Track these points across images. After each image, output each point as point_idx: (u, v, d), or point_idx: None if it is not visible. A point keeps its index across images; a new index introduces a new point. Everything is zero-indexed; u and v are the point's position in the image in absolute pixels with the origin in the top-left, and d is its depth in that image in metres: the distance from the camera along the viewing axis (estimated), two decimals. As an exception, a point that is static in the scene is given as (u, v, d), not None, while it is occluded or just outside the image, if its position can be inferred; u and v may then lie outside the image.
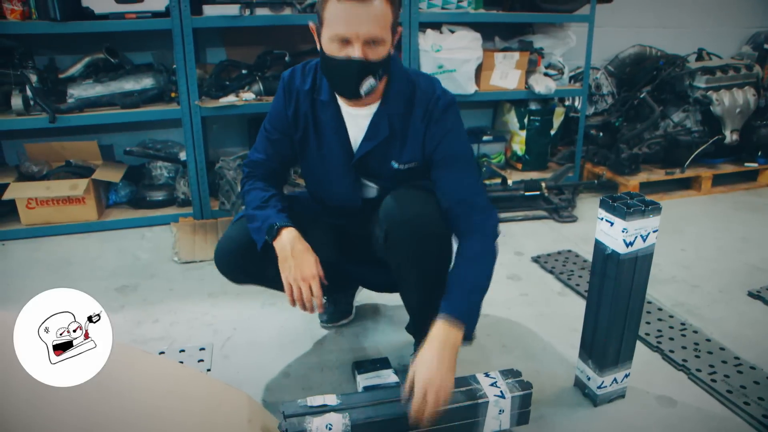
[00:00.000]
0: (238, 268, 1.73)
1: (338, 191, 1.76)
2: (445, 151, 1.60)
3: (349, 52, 1.44)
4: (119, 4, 2.73)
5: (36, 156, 3.09)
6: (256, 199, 1.67)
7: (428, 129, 1.60)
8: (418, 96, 1.61)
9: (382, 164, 1.67)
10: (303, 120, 1.67)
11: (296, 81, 1.66)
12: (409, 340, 1.95)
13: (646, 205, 1.56)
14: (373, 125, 1.63)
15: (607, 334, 1.69)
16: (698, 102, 3.54)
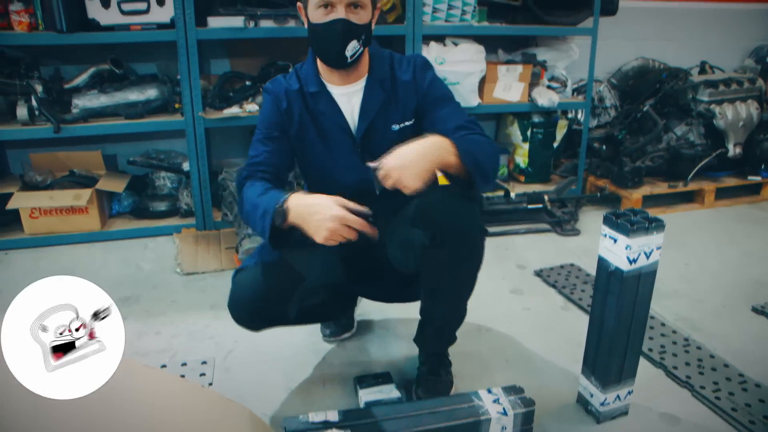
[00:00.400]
0: (257, 314, 1.68)
1: (347, 178, 1.74)
2: (434, 94, 1.71)
3: (333, 14, 1.56)
4: (125, 15, 2.74)
5: (40, 166, 3.10)
6: (254, 192, 1.60)
7: (416, 80, 1.71)
8: (396, 60, 1.74)
9: (384, 132, 1.71)
10: (297, 115, 1.71)
11: (281, 84, 1.73)
12: (411, 354, 1.95)
13: (650, 222, 1.55)
14: (367, 94, 1.70)
15: (610, 350, 1.68)
16: (701, 115, 3.54)
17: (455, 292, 1.67)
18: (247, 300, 1.65)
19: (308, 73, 1.72)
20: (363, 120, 1.70)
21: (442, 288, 1.66)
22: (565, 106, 3.55)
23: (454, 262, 1.59)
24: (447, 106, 1.71)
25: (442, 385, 1.81)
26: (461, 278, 1.64)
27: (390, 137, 1.69)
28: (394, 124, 1.72)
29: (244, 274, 1.68)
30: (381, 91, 1.70)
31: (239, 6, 2.89)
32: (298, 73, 1.74)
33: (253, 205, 1.56)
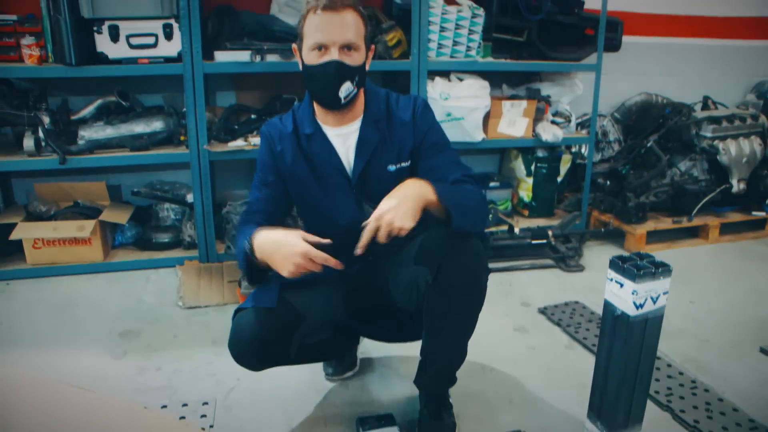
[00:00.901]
0: (258, 355, 1.66)
1: (343, 218, 1.74)
2: (432, 139, 1.74)
3: (327, 57, 1.59)
4: (133, 49, 2.77)
5: (45, 196, 3.11)
6: (244, 232, 1.65)
7: (416, 121, 1.73)
8: (393, 101, 1.76)
9: (380, 173, 1.73)
10: (290, 157, 1.74)
11: (275, 127, 1.77)
12: (414, 395, 1.92)
13: (657, 267, 1.54)
14: (362, 135, 1.72)
15: (617, 395, 1.66)
16: (705, 151, 3.55)
17: (457, 331, 1.66)
18: (247, 341, 1.64)
19: (304, 115, 1.75)
20: (358, 161, 1.72)
21: (444, 327, 1.65)
22: (570, 141, 3.55)
23: (457, 300, 1.59)
24: (443, 153, 1.74)
25: (443, 429, 1.78)
26: (464, 317, 1.64)
27: (386, 177, 1.71)
28: (390, 165, 1.73)
29: (244, 315, 1.66)
30: (376, 131, 1.72)
31: (246, 40, 2.92)
32: (295, 114, 1.78)
33: (236, 248, 1.66)
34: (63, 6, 2.59)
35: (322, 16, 1.57)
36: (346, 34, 1.59)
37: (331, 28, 1.58)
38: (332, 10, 1.57)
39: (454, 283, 1.56)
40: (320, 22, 1.58)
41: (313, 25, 1.59)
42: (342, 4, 1.58)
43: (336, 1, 1.57)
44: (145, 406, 1.88)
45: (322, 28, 1.58)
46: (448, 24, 3.06)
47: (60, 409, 1.17)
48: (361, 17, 1.63)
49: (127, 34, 2.74)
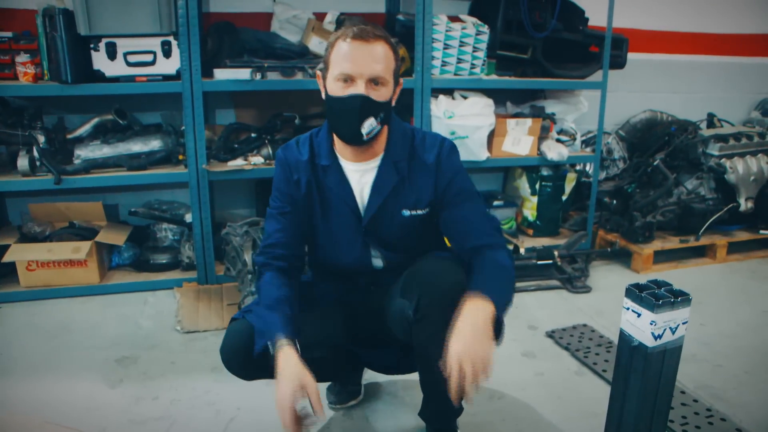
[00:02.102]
0: (248, 364, 1.64)
1: (348, 256, 1.71)
2: (457, 186, 1.65)
3: (353, 89, 1.50)
4: (130, 67, 2.72)
5: (39, 216, 3.04)
6: (267, 297, 1.60)
7: (439, 169, 1.64)
8: (418, 141, 1.67)
9: (393, 216, 1.66)
10: (305, 187, 1.66)
11: (292, 153, 1.68)
12: (420, 425, 1.85)
13: (676, 296, 1.49)
14: (380, 175, 1.64)
15: (634, 429, 1.59)
16: (712, 170, 3.51)
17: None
18: (236, 350, 1.63)
19: (322, 144, 1.67)
20: (372, 202, 1.65)
21: (434, 361, 1.56)
22: (575, 159, 3.51)
23: (439, 334, 1.50)
24: (470, 203, 1.66)
25: (452, 463, 1.71)
26: None
27: (398, 221, 1.66)
28: (405, 210, 1.66)
29: (237, 324, 1.67)
30: (395, 173, 1.64)
31: (246, 58, 2.88)
32: (313, 141, 1.69)
33: (258, 313, 1.59)
34: (59, 23, 2.54)
35: (351, 45, 1.49)
36: (374, 67, 1.50)
37: (359, 59, 1.49)
38: (363, 40, 1.49)
39: (432, 318, 1.51)
40: (349, 51, 1.49)
41: (340, 53, 1.50)
42: (374, 35, 1.50)
43: (368, 32, 1.50)
44: (140, 441, 1.81)
45: (350, 58, 1.49)
46: (452, 41, 3.02)
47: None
48: (392, 51, 1.55)
49: (124, 52, 2.69)
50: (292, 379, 1.44)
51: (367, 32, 1.50)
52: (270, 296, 1.59)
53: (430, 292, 1.51)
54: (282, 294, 1.59)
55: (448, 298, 1.49)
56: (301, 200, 1.67)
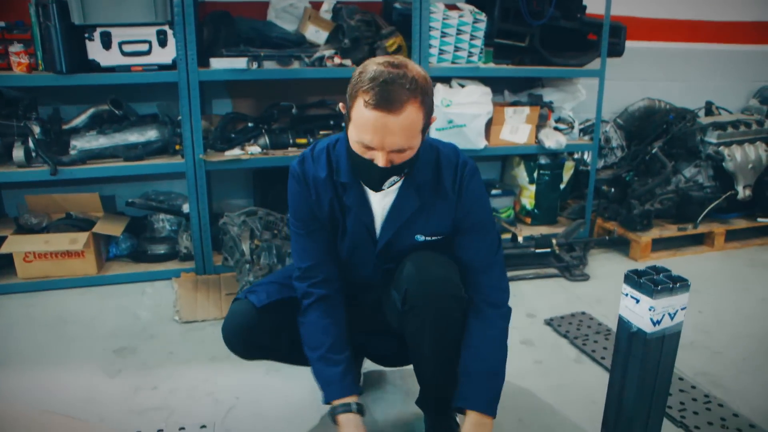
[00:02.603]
0: (249, 343, 1.66)
1: (360, 272, 1.69)
2: (473, 218, 1.59)
3: (373, 156, 1.40)
4: (126, 56, 2.70)
5: (36, 208, 3.03)
6: (317, 343, 1.60)
7: (459, 198, 1.57)
8: (443, 162, 1.58)
9: (407, 240, 1.61)
10: (327, 205, 1.58)
11: (309, 170, 1.58)
12: (418, 414, 1.85)
13: (674, 282, 1.49)
14: (399, 200, 1.56)
15: (632, 415, 1.59)
16: (710, 158, 3.50)
17: (436, 356, 1.60)
18: (237, 329, 1.64)
19: (340, 159, 1.55)
20: (388, 227, 1.59)
21: (423, 351, 1.61)
22: (573, 148, 3.50)
23: (426, 327, 1.54)
24: (484, 236, 1.60)
25: (450, 451, 1.72)
26: (438, 342, 1.57)
27: (412, 245, 1.61)
28: (420, 235, 1.60)
29: (240, 303, 1.67)
30: (416, 199, 1.56)
31: (242, 47, 2.85)
32: (330, 155, 1.58)
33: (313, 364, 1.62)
34: (53, 12, 2.51)
35: (374, 117, 1.32)
36: (398, 140, 1.36)
37: (382, 132, 1.34)
38: (387, 112, 1.32)
39: (419, 311, 1.52)
40: (372, 120, 1.33)
41: (362, 118, 1.35)
42: (400, 102, 1.32)
43: (395, 98, 1.31)
44: (139, 430, 1.81)
45: (372, 130, 1.34)
46: (450, 29, 3.00)
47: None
48: (422, 107, 1.37)
49: (119, 41, 2.67)
50: None
51: (393, 98, 1.31)
52: (322, 344, 1.59)
53: (416, 284, 1.50)
54: (334, 340, 1.60)
55: (435, 290, 1.50)
56: (322, 216, 1.60)
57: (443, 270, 1.53)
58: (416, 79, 1.35)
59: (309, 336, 1.61)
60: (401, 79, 1.32)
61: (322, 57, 2.87)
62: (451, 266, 1.56)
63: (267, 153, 2.91)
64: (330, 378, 1.57)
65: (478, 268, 1.59)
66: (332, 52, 2.89)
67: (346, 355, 1.60)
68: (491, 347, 1.57)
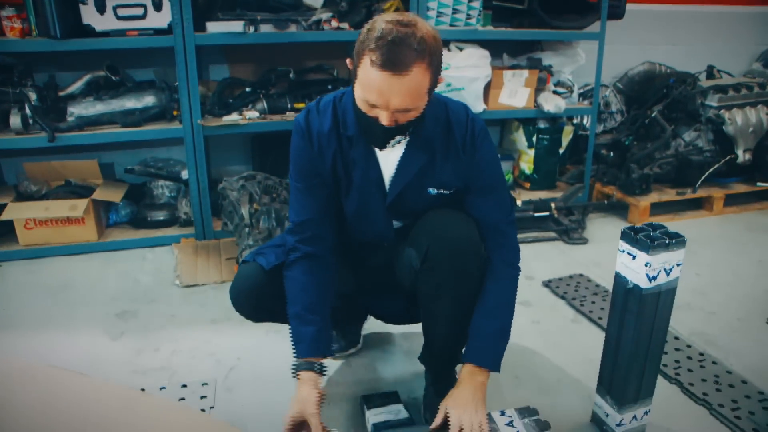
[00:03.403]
0: (257, 306, 1.67)
1: (370, 229, 1.68)
2: (485, 179, 1.58)
3: (378, 115, 1.38)
4: (121, 21, 2.67)
5: (35, 175, 3.03)
6: (296, 301, 1.59)
7: (469, 157, 1.55)
8: (452, 118, 1.56)
9: (419, 194, 1.59)
10: (331, 159, 1.56)
11: (313, 123, 1.55)
12: (419, 372, 1.88)
13: (670, 238, 1.49)
14: (407, 154, 1.54)
15: (628, 370, 1.61)
16: (710, 121, 3.48)
17: (451, 315, 1.60)
18: (244, 291, 1.66)
19: (347, 111, 1.52)
20: (398, 180, 1.56)
21: (437, 311, 1.61)
22: (572, 112, 3.48)
23: (444, 285, 1.55)
24: (494, 195, 1.59)
25: (450, 408, 1.74)
26: (454, 302, 1.58)
27: (424, 198, 1.60)
28: (432, 188, 1.59)
29: (247, 266, 1.68)
30: (424, 152, 1.54)
31: (239, 11, 2.83)
32: (336, 107, 1.55)
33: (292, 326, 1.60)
34: (46, -24, 2.49)
35: (380, 77, 1.30)
36: (404, 101, 1.34)
37: (387, 92, 1.32)
38: (393, 73, 1.29)
39: (440, 268, 1.52)
40: (378, 80, 1.31)
41: (367, 78, 1.33)
42: (406, 64, 1.29)
43: (402, 59, 1.28)
44: (143, 389, 1.84)
45: (378, 90, 1.32)
46: (448, -9, 2.97)
47: (55, 396, 1.12)
48: (429, 69, 1.34)
49: (114, 5, 2.64)
50: (302, 402, 1.50)
51: (399, 58, 1.28)
52: (299, 301, 1.58)
53: (438, 241, 1.50)
54: (312, 299, 1.58)
55: (457, 248, 1.50)
56: (325, 171, 1.58)
57: (465, 227, 1.53)
58: (425, 39, 1.31)
59: (289, 291, 1.61)
60: (409, 38, 1.29)
61: (319, 20, 2.84)
62: (471, 224, 1.55)
63: (265, 118, 2.90)
64: (301, 336, 1.57)
65: (495, 228, 1.59)
66: (329, 15, 2.86)
67: (322, 316, 1.58)
68: (505, 307, 1.59)
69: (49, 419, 1.04)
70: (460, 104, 1.60)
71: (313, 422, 1.46)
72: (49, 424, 1.07)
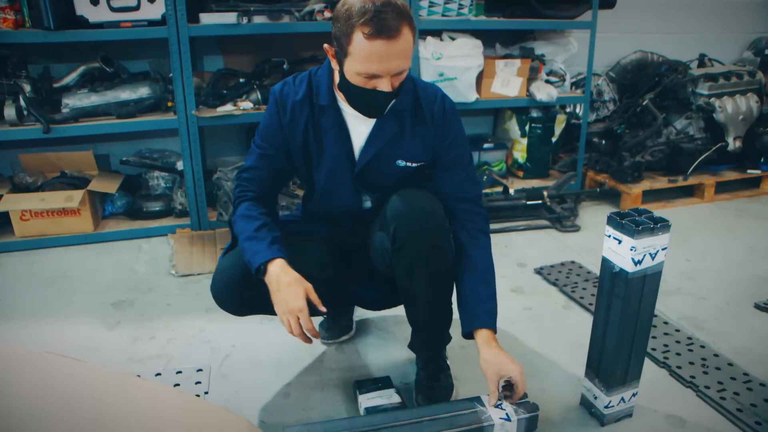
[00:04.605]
0: (238, 299, 1.67)
1: (341, 200, 1.73)
2: (453, 154, 1.65)
3: (377, 84, 1.45)
4: (114, 12, 2.68)
5: (30, 167, 3.05)
6: (246, 229, 1.59)
7: (437, 132, 1.63)
8: (419, 92, 1.64)
9: (387, 165, 1.65)
10: (302, 127, 1.62)
11: (289, 93, 1.63)
12: (411, 357, 1.91)
13: (655, 223, 1.52)
14: (378, 125, 1.61)
15: (615, 353, 1.65)
16: (701, 109, 3.51)
17: (430, 294, 1.64)
18: (225, 284, 1.66)
19: (321, 83, 1.60)
20: (367, 151, 1.63)
21: (415, 291, 1.64)
22: (564, 100, 3.50)
23: (417, 263, 1.57)
24: (462, 170, 1.67)
25: (441, 391, 1.78)
26: (430, 279, 1.61)
27: (392, 170, 1.66)
28: (400, 160, 1.65)
29: (227, 258, 1.68)
30: (394, 124, 1.61)
31: (232, 2, 2.84)
32: (312, 80, 1.62)
33: (242, 246, 1.58)
34: (38, -33, 2.50)
35: (376, 46, 1.37)
36: (401, 63, 1.43)
37: (386, 58, 1.40)
38: (388, 39, 1.37)
39: (409, 247, 1.55)
40: (374, 52, 1.38)
41: (364, 51, 1.39)
42: (396, 28, 1.37)
43: (391, 25, 1.36)
44: (138, 375, 1.87)
45: (377, 59, 1.40)
46: (440, -19, 2.98)
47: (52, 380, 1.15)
48: (412, 29, 1.42)
49: (108, -3, 2.65)
50: (297, 282, 1.50)
51: (389, 24, 1.36)
52: (250, 227, 1.58)
53: (404, 221, 1.54)
54: (262, 221, 1.59)
55: (423, 225, 1.54)
56: (294, 142, 1.64)
57: (429, 204, 1.57)
58: (398, 4, 1.41)
59: (238, 227, 1.62)
60: (386, 6, 1.37)
61: (312, 11, 2.85)
62: (435, 200, 1.60)
63: (259, 108, 2.92)
64: (256, 249, 1.54)
65: (468, 199, 1.65)
66: (322, 5, 2.87)
67: (275, 235, 1.59)
68: (491, 272, 1.65)
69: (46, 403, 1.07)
70: (423, 82, 1.70)
71: (313, 297, 1.51)
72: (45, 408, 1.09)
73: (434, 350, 1.81)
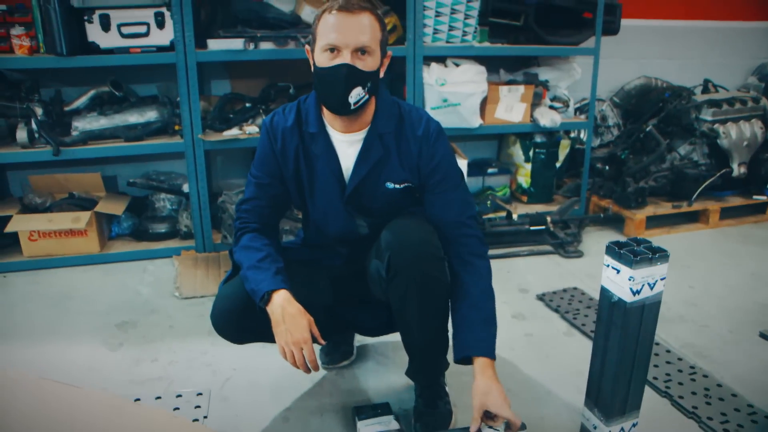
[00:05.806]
0: (238, 327, 1.69)
1: (333, 225, 1.75)
2: (440, 176, 1.66)
3: (339, 59, 1.51)
4: (124, 38, 2.74)
5: (40, 188, 3.09)
6: (249, 259, 1.62)
7: (422, 153, 1.66)
8: (405, 115, 1.68)
9: (376, 188, 1.68)
10: (293, 155, 1.67)
11: (279, 122, 1.68)
12: (410, 384, 1.91)
13: (654, 253, 1.52)
14: (366, 147, 1.65)
15: (614, 382, 1.64)
16: (705, 135, 3.52)
17: (423, 322, 1.64)
18: (225, 312, 1.67)
19: (310, 110, 1.67)
20: (356, 174, 1.66)
21: (409, 318, 1.64)
22: (568, 126, 3.52)
23: (411, 292, 1.58)
24: (454, 192, 1.68)
25: (439, 418, 1.77)
26: (424, 308, 1.61)
27: (382, 193, 1.69)
28: (389, 182, 1.68)
29: (226, 287, 1.70)
30: (380, 146, 1.65)
31: (239, 28, 2.89)
32: (300, 107, 1.69)
33: (245, 275, 1.61)
34: (52, -5, 2.56)
35: (337, 17, 1.50)
36: (360, 38, 1.51)
37: (345, 30, 1.50)
38: (348, 12, 1.50)
39: (403, 275, 1.56)
40: (334, 22, 1.50)
41: (327, 25, 1.51)
42: (359, 6, 1.51)
43: (353, 3, 1.50)
44: (138, 398, 1.88)
45: (336, 30, 1.50)
46: (444, 9, 3.02)
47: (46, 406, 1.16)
48: (379, 21, 1.56)
49: (118, 23, 2.71)
50: (301, 314, 1.54)
51: (352, 4, 1.50)
52: (254, 257, 1.62)
53: (398, 250, 1.55)
54: (265, 253, 1.63)
55: (417, 254, 1.55)
56: (287, 169, 1.69)
57: (422, 232, 1.58)
58: (373, 5, 1.54)
59: (246, 255, 1.65)
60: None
61: (318, 37, 2.89)
62: (429, 228, 1.61)
63: (264, 133, 2.95)
64: (261, 278, 1.58)
65: (458, 223, 1.65)
66: (328, 32, 2.92)
67: (278, 266, 1.62)
68: (486, 296, 1.64)
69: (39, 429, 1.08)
70: (409, 104, 1.73)
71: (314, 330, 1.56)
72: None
73: (431, 377, 1.81)
